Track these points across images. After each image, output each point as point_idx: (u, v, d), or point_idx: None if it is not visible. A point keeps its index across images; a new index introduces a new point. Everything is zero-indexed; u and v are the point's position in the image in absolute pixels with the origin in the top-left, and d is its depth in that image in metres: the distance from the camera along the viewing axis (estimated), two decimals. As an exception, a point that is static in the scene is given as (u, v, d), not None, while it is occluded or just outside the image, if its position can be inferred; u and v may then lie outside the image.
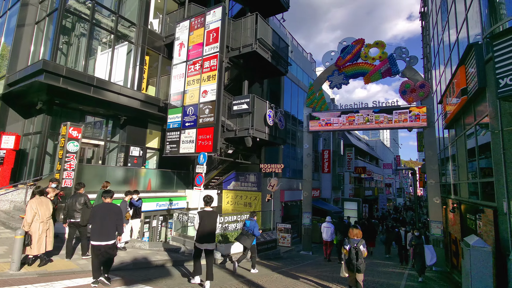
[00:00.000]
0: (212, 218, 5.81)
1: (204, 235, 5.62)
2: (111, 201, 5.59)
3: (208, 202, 5.97)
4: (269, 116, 12.14)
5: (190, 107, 12.16)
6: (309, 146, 13.79)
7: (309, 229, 13.33)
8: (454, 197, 10.04)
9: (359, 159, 32.87)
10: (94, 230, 5.12)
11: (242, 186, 15.00)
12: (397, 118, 12.33)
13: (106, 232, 5.11)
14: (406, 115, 12.16)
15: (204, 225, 5.64)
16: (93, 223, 5.17)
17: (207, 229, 5.66)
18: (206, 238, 5.64)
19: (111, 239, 5.16)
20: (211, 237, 5.75)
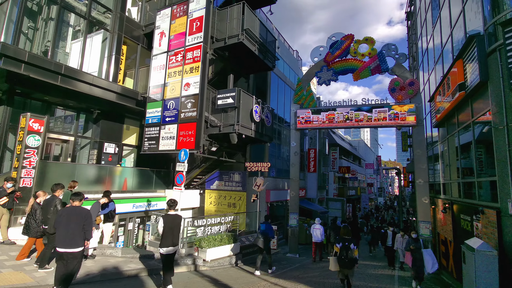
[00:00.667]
0: (176, 222, 5.86)
1: (168, 238, 5.68)
2: (80, 205, 4.94)
3: (171, 205, 6.03)
4: (256, 112, 11.50)
5: (171, 101, 11.30)
6: (297, 144, 13.28)
7: (296, 230, 12.82)
8: (444, 196, 9.82)
9: (343, 158, 32.94)
10: (59, 236, 4.58)
11: (226, 185, 14.28)
12: (377, 116, 12.08)
13: (72, 238, 4.56)
14: (386, 114, 11.93)
15: (167, 228, 5.70)
16: (58, 228, 4.62)
17: (170, 232, 5.72)
18: (169, 241, 5.68)
19: (78, 246, 4.61)
20: (174, 241, 5.79)
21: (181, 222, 6.06)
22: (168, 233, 5.68)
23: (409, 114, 11.55)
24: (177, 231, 5.87)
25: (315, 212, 20.63)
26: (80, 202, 5.00)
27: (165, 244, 5.65)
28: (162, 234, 5.69)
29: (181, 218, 6.08)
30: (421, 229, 11.03)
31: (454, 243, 8.48)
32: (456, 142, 8.22)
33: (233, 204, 13.94)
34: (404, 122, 11.67)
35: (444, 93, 8.47)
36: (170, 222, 5.77)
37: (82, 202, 5.10)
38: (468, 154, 7.64)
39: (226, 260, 8.96)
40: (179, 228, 5.93)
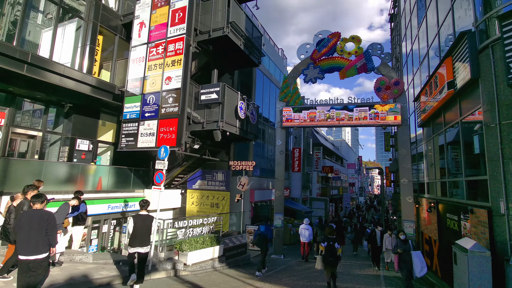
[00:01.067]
0: (146, 222, 5.85)
1: (137, 238, 5.65)
2: (42, 207, 4.40)
3: (143, 206, 6.04)
4: (241, 109, 11.07)
5: (151, 95, 10.66)
6: (282, 142, 12.99)
7: (281, 231, 12.51)
8: (429, 196, 9.83)
9: (326, 158, 33.16)
10: (20, 242, 4.10)
11: (209, 185, 13.75)
12: (357, 115, 12.04)
13: (34, 244, 4.08)
14: (366, 113, 11.91)
15: (137, 228, 5.68)
16: (18, 234, 4.14)
17: (140, 232, 5.70)
18: (138, 240, 5.66)
19: (41, 252, 4.11)
20: (144, 241, 5.76)
21: (152, 223, 6.00)
22: (138, 233, 5.66)
23: (390, 113, 11.58)
24: (148, 232, 5.85)
25: (299, 212, 20.51)
26: (42, 204, 4.41)
27: (133, 244, 5.63)
28: (131, 234, 5.66)
29: (152, 219, 6.03)
30: (405, 228, 11.04)
31: (439, 242, 8.46)
32: (442, 141, 8.19)
33: (216, 204, 13.44)
34: (384, 121, 11.69)
35: (431, 92, 8.43)
36: (140, 222, 5.75)
37: (45, 204, 4.51)
38: (455, 153, 7.60)
39: (208, 264, 8.48)
40: (150, 229, 5.90)
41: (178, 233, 8.24)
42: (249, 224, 13.44)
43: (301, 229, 11.73)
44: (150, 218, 5.95)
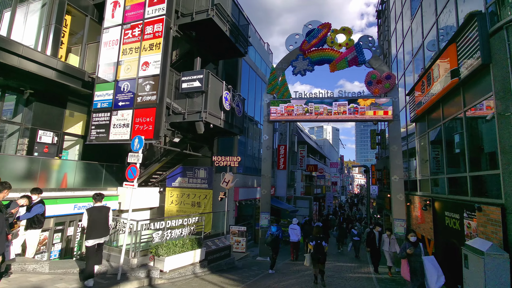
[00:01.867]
0: (102, 213, 5.87)
1: (94, 230, 5.67)
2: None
3: (96, 198, 6.00)
4: (226, 99, 10.22)
5: (126, 82, 9.59)
6: (269, 137, 12.26)
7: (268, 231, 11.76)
8: (422, 193, 9.45)
9: (310, 157, 32.86)
10: None
11: (190, 182, 12.79)
12: (336, 110, 11.62)
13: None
14: (345, 107, 11.50)
15: (93, 220, 5.68)
16: None
17: (97, 224, 5.71)
18: (97, 232, 5.68)
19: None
20: (102, 232, 5.79)
21: (109, 213, 6.00)
22: (95, 225, 5.66)
23: (373, 108, 11.24)
24: (105, 222, 5.88)
25: (283, 211, 19.89)
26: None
27: (92, 236, 5.61)
28: (88, 226, 5.62)
29: (108, 209, 6.05)
30: (395, 227, 10.66)
31: (434, 242, 8.04)
32: (439, 135, 7.75)
33: (197, 203, 12.51)
34: (363, 116, 11.38)
35: (429, 84, 7.98)
36: (96, 214, 5.74)
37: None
38: (456, 147, 7.18)
39: (188, 270, 7.59)
40: (107, 220, 5.93)
41: (154, 235, 7.28)
42: (233, 224, 12.61)
43: (290, 229, 11.81)
44: (106, 209, 6.01)
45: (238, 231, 11.76)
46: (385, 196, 15.47)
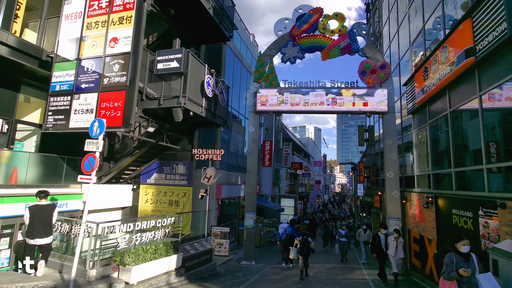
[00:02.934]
0: (46, 212, 5.57)
1: (35, 229, 5.37)
2: None
3: (39, 196, 5.68)
4: (208, 85, 9.09)
5: (90, 61, 8.24)
6: (256, 129, 11.23)
7: (253, 232, 10.75)
8: (421, 189, 8.76)
9: (295, 155, 32.20)
10: None
11: (168, 179, 11.53)
12: (314, 100, 10.87)
13: None
14: (323, 98, 10.80)
15: (34, 219, 5.40)
16: None
17: (38, 223, 5.41)
18: (37, 232, 5.37)
19: None
20: (45, 232, 5.46)
21: (53, 212, 5.66)
22: (36, 224, 5.38)
23: (356, 98, 10.60)
24: (48, 222, 5.54)
25: (267, 210, 19.01)
26: None
27: (32, 235, 5.35)
28: (28, 225, 5.37)
29: (53, 208, 5.76)
30: (390, 226, 9.97)
31: (437, 243, 7.33)
32: (447, 126, 7.02)
33: (175, 202, 11.27)
34: (341, 107, 10.70)
35: (433, 69, 7.25)
36: (38, 212, 5.46)
37: None
38: (466, 138, 6.47)
39: (162, 280, 6.43)
40: (50, 219, 5.59)
41: (119, 240, 6.05)
42: (215, 225, 11.49)
43: (280, 228, 11.73)
44: (51, 207, 5.72)
45: (220, 233, 10.67)
46: (374, 194, 14.90)
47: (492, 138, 5.46)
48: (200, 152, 9.44)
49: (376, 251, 8.18)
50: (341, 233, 12.01)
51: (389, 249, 7.96)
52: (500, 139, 5.32)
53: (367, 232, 11.87)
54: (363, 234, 11.87)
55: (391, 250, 7.91)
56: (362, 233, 11.96)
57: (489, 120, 5.55)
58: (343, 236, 11.82)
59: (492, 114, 5.59)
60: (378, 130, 16.01)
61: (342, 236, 11.85)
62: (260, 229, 14.97)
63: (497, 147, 5.31)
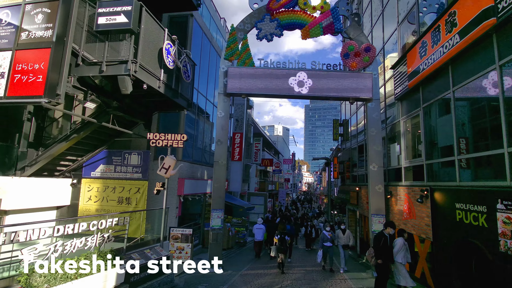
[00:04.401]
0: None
1: None
2: None
3: None
4: (168, 53, 7.36)
5: (5, 10, 6.15)
6: (226, 114, 9.67)
7: (220, 234, 9.19)
8: (410, 183, 7.86)
9: (265, 151, 31.05)
10: None
11: (118, 171, 9.55)
12: (292, 83, 9.71)
13: None
14: (303, 80, 9.69)
15: None
16: None
17: None
18: None
19: None
20: None
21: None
22: None
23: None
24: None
25: (236, 208, 17.51)
26: None
27: None
28: None
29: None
30: (373, 223, 9.02)
31: (434, 242, 6.40)
32: (448, 108, 6.08)
33: (127, 199, 9.35)
34: (322, 92, 9.61)
35: (435, 41, 6.28)
36: None
37: None
38: (475, 119, 5.54)
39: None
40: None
41: (24, 252, 4.16)
42: (175, 226, 9.76)
43: (255, 229, 11.63)
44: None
45: (181, 235, 8.94)
46: (350, 190, 14.11)
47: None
48: (156, 137, 7.65)
49: (383, 256, 6.15)
50: (325, 236, 9.25)
51: (398, 255, 6.31)
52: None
53: (347, 233, 9.73)
54: (342, 235, 9.65)
55: (399, 256, 6.27)
56: (340, 235, 9.67)
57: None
58: (328, 239, 9.19)
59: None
60: (350, 126, 15.35)
61: (326, 239, 9.18)
62: (228, 229, 13.43)
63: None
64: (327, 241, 9.12)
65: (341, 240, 9.60)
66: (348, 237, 9.68)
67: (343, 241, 9.57)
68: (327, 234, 9.24)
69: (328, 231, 9.37)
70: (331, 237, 9.20)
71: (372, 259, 6.30)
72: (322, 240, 9.25)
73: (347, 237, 9.67)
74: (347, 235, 9.70)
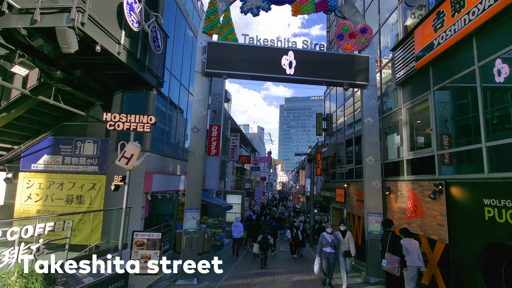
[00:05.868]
0: None
1: None
2: None
3: None
4: (131, 9, 5.78)
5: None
6: (204, 97, 8.20)
7: (196, 238, 7.71)
8: (415, 177, 6.94)
9: (242, 147, 29.70)
10: None
11: (67, 163, 7.74)
12: (281, 64, 8.52)
13: None
14: (292, 61, 8.62)
15: None
16: None
17: None
18: None
19: None
20: None
21: None
22: None
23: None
24: None
25: (211, 207, 16.01)
26: None
27: None
28: None
29: None
30: (370, 223, 8.07)
31: (451, 244, 5.47)
32: (477, 84, 5.12)
33: (78, 198, 7.57)
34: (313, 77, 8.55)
35: (459, 8, 5.32)
36: None
37: None
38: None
39: None
40: None
41: None
42: (141, 229, 8.15)
43: (233, 226, 11.74)
44: None
45: (147, 241, 7.34)
46: (336, 187, 13.21)
47: None
48: (116, 119, 6.02)
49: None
50: (325, 239, 7.15)
51: (412, 258, 5.40)
52: None
53: (347, 236, 7.37)
54: (342, 239, 7.38)
55: (414, 260, 5.33)
56: (340, 238, 7.40)
57: None
58: (329, 244, 7.07)
59: None
60: (337, 120, 14.51)
61: (326, 243, 7.09)
62: (204, 231, 11.95)
63: None
64: (327, 246, 7.04)
65: (341, 245, 7.35)
66: (348, 241, 7.34)
67: (344, 247, 7.34)
68: (328, 238, 7.12)
69: (329, 233, 7.28)
70: (332, 241, 7.11)
71: (396, 269, 5.22)
72: (321, 244, 7.20)
73: (347, 241, 7.34)
74: (347, 238, 7.38)
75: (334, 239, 7.24)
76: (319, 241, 7.40)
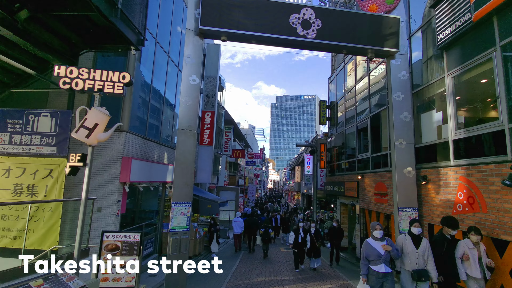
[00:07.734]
0: None
1: None
2: None
3: None
4: None
5: None
6: (197, 62, 6.49)
7: (186, 239, 6.01)
8: (473, 160, 5.42)
9: (236, 141, 27.99)
10: None
11: (15, 144, 5.91)
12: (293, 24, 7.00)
13: None
14: (307, 21, 7.07)
15: None
16: None
17: None
18: None
19: None
20: None
21: None
22: None
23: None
24: None
25: (203, 203, 14.36)
26: None
27: None
28: None
29: None
30: (402, 220, 6.57)
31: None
32: None
33: (30, 188, 5.77)
34: (330, 40, 6.99)
35: None
36: None
37: None
38: None
39: None
40: None
41: None
42: (113, 230, 6.40)
43: (234, 222, 11.96)
44: None
45: (122, 244, 5.60)
46: (345, 181, 11.72)
47: None
48: (72, 74, 4.26)
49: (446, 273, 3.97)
50: (374, 251, 4.50)
51: (471, 266, 3.95)
52: None
53: (423, 245, 4.75)
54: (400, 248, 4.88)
55: (472, 267, 3.90)
56: (395, 245, 4.86)
57: None
58: (381, 258, 4.43)
59: None
60: (345, 106, 13.02)
61: (378, 258, 4.44)
62: (195, 230, 10.26)
63: None
64: (379, 262, 4.41)
65: (406, 258, 4.75)
66: (423, 255, 4.64)
67: (411, 260, 4.66)
68: (379, 247, 4.46)
69: (378, 239, 4.59)
70: (387, 253, 4.45)
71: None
72: (367, 260, 4.55)
73: (422, 254, 4.64)
74: (422, 249, 4.69)
75: (392, 249, 4.46)
76: (362, 255, 4.65)
